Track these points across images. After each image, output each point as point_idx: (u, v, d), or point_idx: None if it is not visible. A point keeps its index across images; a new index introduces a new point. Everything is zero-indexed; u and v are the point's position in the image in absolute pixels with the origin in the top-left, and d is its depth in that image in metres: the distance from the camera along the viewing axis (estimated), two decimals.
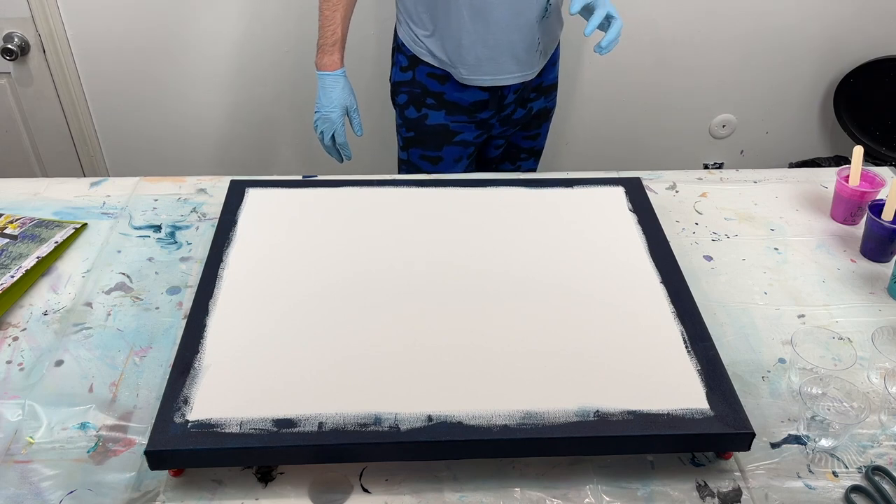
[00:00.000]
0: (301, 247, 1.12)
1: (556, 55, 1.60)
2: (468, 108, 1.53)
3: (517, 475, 0.88)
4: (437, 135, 1.55)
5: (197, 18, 1.98)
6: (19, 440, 0.91)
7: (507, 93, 1.52)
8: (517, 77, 1.49)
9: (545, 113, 1.66)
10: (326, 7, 1.41)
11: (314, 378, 0.91)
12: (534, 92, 1.58)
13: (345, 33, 1.43)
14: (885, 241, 1.19)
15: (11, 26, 1.96)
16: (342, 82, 1.44)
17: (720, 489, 0.88)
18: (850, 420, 0.93)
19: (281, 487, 0.87)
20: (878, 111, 2.17)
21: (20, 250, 1.17)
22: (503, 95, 1.52)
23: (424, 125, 1.55)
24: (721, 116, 2.29)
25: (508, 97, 1.53)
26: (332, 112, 1.43)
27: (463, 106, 1.52)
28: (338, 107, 1.44)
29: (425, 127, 1.55)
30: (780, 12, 2.09)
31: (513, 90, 1.52)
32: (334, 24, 1.41)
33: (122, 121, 2.15)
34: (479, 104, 1.52)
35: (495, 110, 1.54)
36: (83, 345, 1.03)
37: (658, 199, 1.32)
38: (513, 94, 1.53)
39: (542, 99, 1.61)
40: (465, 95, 1.50)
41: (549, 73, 1.59)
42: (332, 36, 1.41)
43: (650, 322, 1.00)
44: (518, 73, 1.48)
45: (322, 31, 1.42)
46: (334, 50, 1.41)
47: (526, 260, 1.11)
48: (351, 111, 1.47)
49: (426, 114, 1.54)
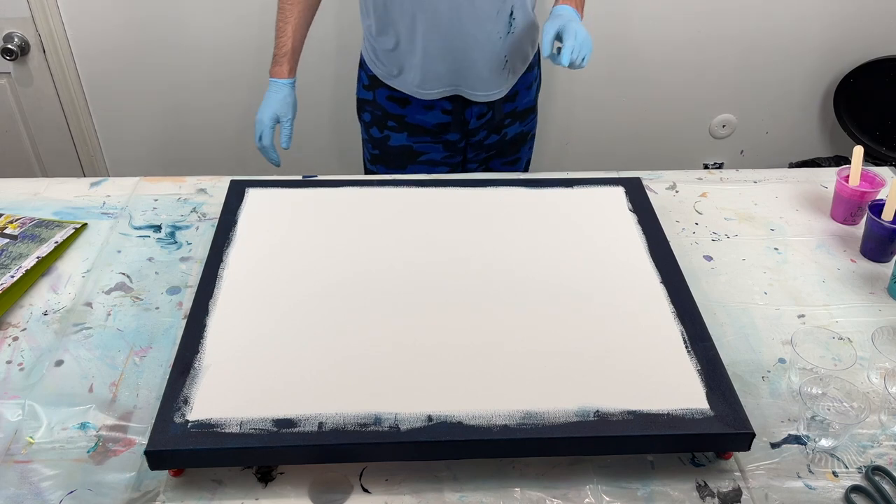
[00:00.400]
0: (301, 247, 1.12)
1: (531, 78, 1.54)
2: (432, 129, 1.50)
3: (517, 475, 0.88)
4: (401, 155, 1.53)
5: (197, 19, 1.98)
6: (19, 440, 0.91)
7: (470, 116, 1.48)
8: (482, 95, 1.45)
9: (522, 137, 1.60)
10: (279, 19, 1.42)
11: (314, 378, 0.91)
12: (508, 118, 1.53)
13: (296, 45, 1.44)
14: (885, 241, 1.19)
15: (11, 26, 1.96)
16: (285, 92, 1.44)
17: (720, 489, 0.87)
18: (850, 420, 0.93)
19: (281, 487, 0.87)
20: (878, 111, 2.17)
21: (20, 250, 1.17)
22: (465, 120, 1.48)
23: (388, 146, 1.53)
24: (721, 116, 2.29)
25: (472, 121, 1.49)
26: (264, 115, 1.43)
27: (426, 128, 1.50)
28: (269, 112, 1.43)
29: (388, 147, 1.53)
30: (781, 12, 2.09)
31: (476, 114, 1.48)
32: (285, 35, 1.42)
33: (122, 121, 2.15)
34: (443, 126, 1.49)
35: (461, 133, 1.51)
36: (83, 345, 1.03)
37: (658, 199, 1.32)
38: (476, 118, 1.49)
39: (517, 124, 1.56)
40: (428, 118, 1.48)
41: (523, 97, 1.54)
42: (282, 47, 1.43)
43: (650, 322, 1.00)
44: (483, 92, 1.45)
45: (275, 42, 1.44)
46: (283, 61, 1.43)
47: (526, 260, 1.11)
48: (283, 121, 1.45)
49: (388, 135, 1.52)
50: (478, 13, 1.34)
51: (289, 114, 1.46)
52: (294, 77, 1.46)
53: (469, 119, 1.49)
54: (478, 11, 1.33)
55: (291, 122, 1.46)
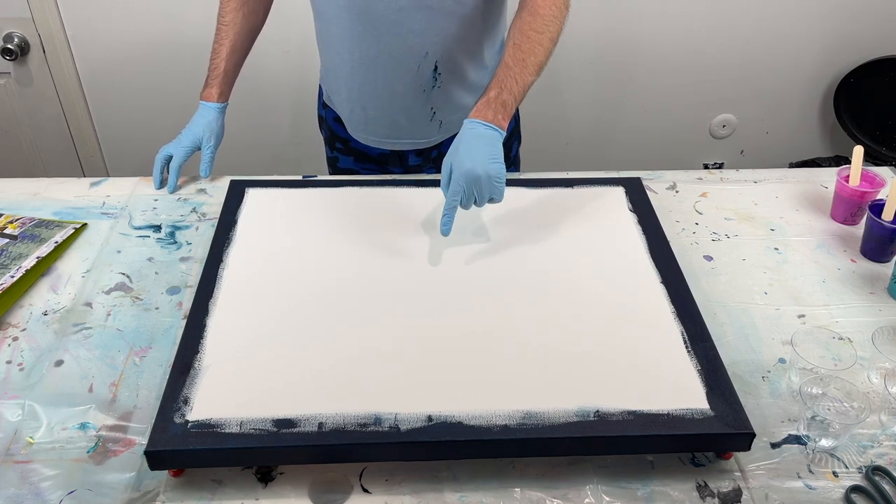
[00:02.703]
0: (301, 247, 1.12)
1: None
2: (376, 158, 1.43)
3: (517, 475, 0.88)
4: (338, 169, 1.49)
5: (196, 19, 1.98)
6: (19, 440, 0.91)
7: (408, 154, 1.41)
8: (407, 143, 1.38)
9: None
10: (215, 40, 1.35)
11: (314, 378, 0.91)
12: None
13: (229, 69, 1.35)
14: (885, 241, 1.19)
15: (11, 26, 1.96)
16: (211, 116, 1.34)
17: (720, 489, 0.87)
18: (850, 420, 0.93)
19: (281, 487, 0.87)
20: (878, 111, 2.17)
21: (20, 250, 1.17)
22: (404, 157, 1.41)
23: (337, 166, 1.49)
24: (721, 116, 2.29)
25: (410, 158, 1.41)
26: (185, 137, 1.33)
27: (371, 156, 1.43)
28: (191, 134, 1.33)
29: (337, 169, 1.49)
30: (781, 12, 2.09)
31: (414, 152, 1.40)
32: (219, 57, 1.34)
33: (122, 121, 2.15)
34: (384, 157, 1.42)
35: (403, 169, 1.43)
36: (83, 345, 1.03)
37: (658, 199, 1.32)
38: (416, 155, 1.41)
39: None
40: (369, 148, 1.41)
41: None
42: (214, 69, 1.34)
43: (650, 322, 1.00)
44: (408, 140, 1.37)
45: (209, 63, 1.35)
46: (214, 83, 1.34)
47: (526, 260, 1.11)
48: (204, 147, 1.34)
49: (337, 156, 1.47)
50: (396, 65, 1.26)
51: (211, 140, 1.34)
52: (225, 102, 1.36)
53: (408, 156, 1.41)
54: (396, 63, 1.25)
55: (213, 149, 1.35)
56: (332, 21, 1.25)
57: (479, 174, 1.03)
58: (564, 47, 2.17)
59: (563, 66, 2.15)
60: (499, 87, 1.09)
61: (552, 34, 1.13)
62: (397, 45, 1.23)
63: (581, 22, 2.07)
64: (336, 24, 1.25)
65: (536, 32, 1.12)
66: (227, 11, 1.34)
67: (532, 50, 1.11)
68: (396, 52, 1.24)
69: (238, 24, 1.34)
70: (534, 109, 2.22)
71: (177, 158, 1.33)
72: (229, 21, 1.34)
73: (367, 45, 1.24)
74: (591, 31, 2.09)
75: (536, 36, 1.12)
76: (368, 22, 1.21)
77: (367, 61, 1.26)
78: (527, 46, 1.11)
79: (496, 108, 1.07)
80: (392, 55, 1.24)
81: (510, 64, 1.11)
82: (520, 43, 1.12)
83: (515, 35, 1.13)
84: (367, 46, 1.24)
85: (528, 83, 1.11)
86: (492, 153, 1.04)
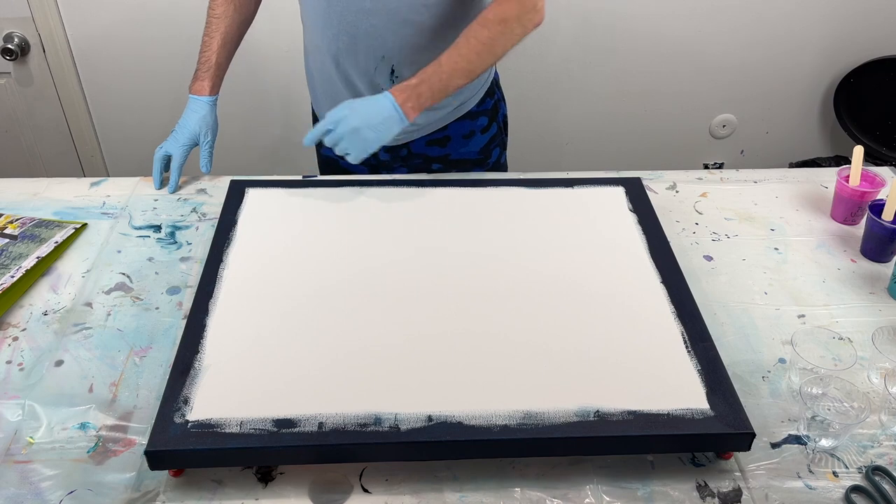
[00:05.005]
0: (301, 247, 1.12)
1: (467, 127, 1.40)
2: None
3: (517, 475, 0.88)
4: (328, 166, 1.48)
5: (196, 19, 1.97)
6: (19, 440, 0.91)
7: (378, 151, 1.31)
8: None
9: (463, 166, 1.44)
10: (205, 32, 1.34)
11: (314, 378, 0.91)
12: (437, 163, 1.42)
13: (221, 62, 1.34)
14: (885, 241, 1.19)
15: (11, 26, 1.96)
16: (205, 110, 1.32)
17: (720, 489, 0.87)
18: (851, 420, 0.93)
19: (281, 487, 0.87)
20: (878, 111, 2.17)
21: (20, 250, 1.17)
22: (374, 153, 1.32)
23: (319, 152, 1.49)
24: (721, 116, 2.29)
25: (381, 154, 1.38)
26: (181, 134, 1.32)
27: None
28: (187, 131, 1.32)
29: (320, 155, 1.50)
30: (781, 12, 2.09)
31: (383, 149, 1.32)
32: (210, 50, 1.33)
33: (122, 121, 2.15)
34: None
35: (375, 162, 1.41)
36: (83, 345, 1.03)
37: (658, 199, 1.32)
38: (385, 151, 1.38)
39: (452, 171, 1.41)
40: None
41: (459, 146, 1.40)
42: (205, 62, 1.33)
43: (650, 322, 1.00)
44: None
45: (199, 56, 1.34)
46: (206, 76, 1.32)
47: (526, 260, 1.11)
48: (202, 143, 1.33)
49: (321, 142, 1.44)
50: (354, 62, 1.27)
51: (208, 135, 1.33)
52: (216, 95, 1.34)
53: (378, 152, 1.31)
54: (354, 60, 1.27)
55: (211, 144, 1.34)
56: (306, 4, 1.29)
57: (359, 127, 1.14)
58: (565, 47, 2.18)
59: (563, 66, 2.15)
60: (422, 79, 1.16)
61: (496, 48, 1.17)
62: (354, 45, 1.26)
63: (581, 22, 2.07)
64: (311, 8, 1.28)
65: (479, 42, 1.16)
66: (217, 4, 1.34)
67: (469, 57, 1.16)
68: (354, 49, 1.26)
69: (229, 16, 1.34)
70: (534, 109, 2.23)
71: (177, 158, 1.33)
72: (220, 13, 1.34)
73: (330, 39, 1.27)
74: (591, 31, 2.09)
75: (478, 45, 1.16)
76: (333, 16, 1.23)
77: (332, 53, 1.29)
78: (465, 52, 1.16)
79: (410, 94, 1.15)
80: (350, 52, 1.27)
81: (443, 62, 1.16)
82: (461, 46, 1.16)
83: (462, 37, 1.16)
84: (329, 40, 1.27)
85: (453, 86, 1.17)
86: (381, 127, 1.15)
